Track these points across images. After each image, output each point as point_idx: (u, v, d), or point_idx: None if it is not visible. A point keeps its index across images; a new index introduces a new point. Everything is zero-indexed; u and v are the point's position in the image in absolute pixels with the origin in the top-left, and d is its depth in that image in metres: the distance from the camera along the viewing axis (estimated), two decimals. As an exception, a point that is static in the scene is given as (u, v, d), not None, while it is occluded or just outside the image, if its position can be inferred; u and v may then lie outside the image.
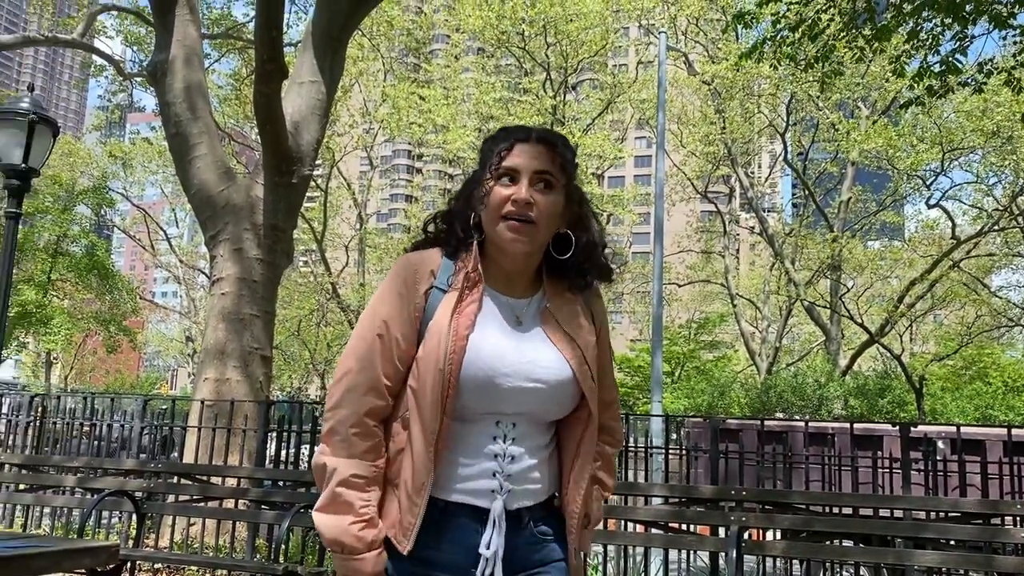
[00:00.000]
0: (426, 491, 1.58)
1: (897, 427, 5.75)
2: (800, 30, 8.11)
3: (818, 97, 22.56)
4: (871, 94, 23.79)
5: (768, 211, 34.89)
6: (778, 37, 8.41)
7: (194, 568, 6.24)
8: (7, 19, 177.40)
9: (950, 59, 7.63)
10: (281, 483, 5.85)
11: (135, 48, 21.57)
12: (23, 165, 6.57)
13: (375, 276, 34.12)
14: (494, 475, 1.62)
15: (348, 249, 33.52)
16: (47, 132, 6.76)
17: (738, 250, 37.15)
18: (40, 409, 7.85)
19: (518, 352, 1.64)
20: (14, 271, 7.69)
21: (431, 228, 1.77)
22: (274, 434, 6.63)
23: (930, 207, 26.82)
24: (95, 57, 18.59)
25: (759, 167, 40.99)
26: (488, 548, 1.59)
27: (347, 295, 31.33)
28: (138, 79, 19.83)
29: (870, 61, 12.46)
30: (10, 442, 7.64)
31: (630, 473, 6.30)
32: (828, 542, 4.76)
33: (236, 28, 19.47)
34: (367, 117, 29.66)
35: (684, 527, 5.07)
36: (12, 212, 6.67)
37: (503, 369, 1.61)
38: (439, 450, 1.59)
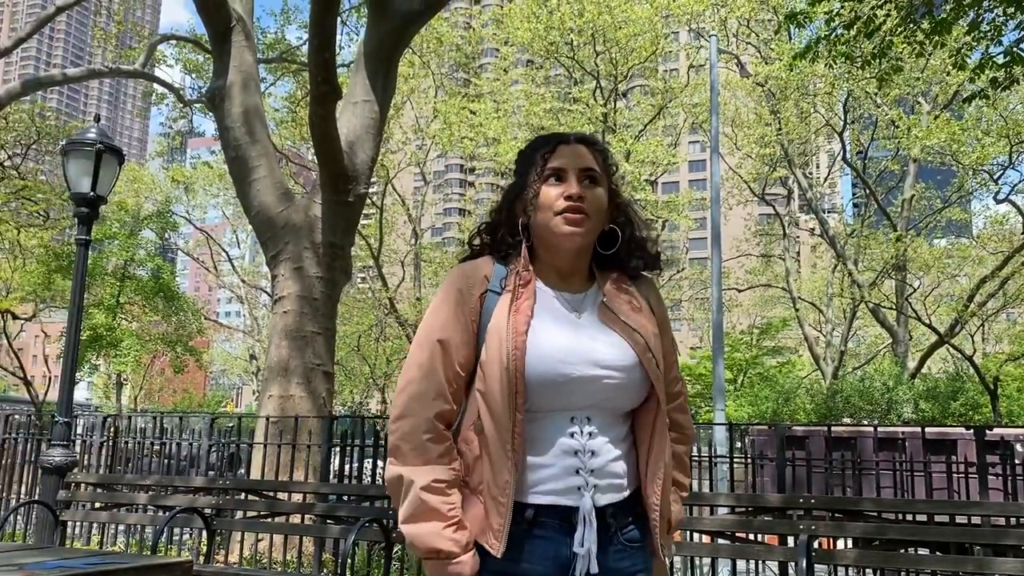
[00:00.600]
0: (510, 489, 1.59)
1: (972, 430, 5.56)
2: (855, 27, 7.95)
3: (876, 94, 22.06)
4: (932, 88, 23.16)
5: (828, 212, 34.19)
6: (832, 35, 8.26)
7: (263, 583, 6.34)
8: (74, 53, 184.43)
9: (1014, 49, 7.39)
10: (346, 497, 5.91)
11: (194, 75, 22.20)
12: (91, 193, 6.80)
13: (431, 290, 34.37)
14: (577, 472, 1.62)
15: (404, 264, 33.87)
16: (113, 161, 6.98)
17: (798, 253, 36.47)
18: (112, 429, 8.09)
19: (579, 342, 1.65)
20: (85, 295, 7.94)
21: (476, 242, 1.81)
22: (337, 449, 6.72)
23: (998, 202, 25.93)
24: (156, 86, 19.18)
25: (817, 167, 40.20)
26: (582, 546, 1.59)
27: (404, 310, 31.63)
28: (197, 105, 20.39)
29: (929, 55, 12.15)
30: (85, 462, 7.87)
31: (694, 483, 6.21)
32: (902, 551, 4.62)
33: (290, 52, 19.91)
34: (419, 133, 29.98)
35: (751, 537, 4.97)
36: (82, 239, 6.90)
37: (567, 360, 1.62)
38: (516, 450, 1.59)
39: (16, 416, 8.98)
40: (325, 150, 7.51)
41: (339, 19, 10.60)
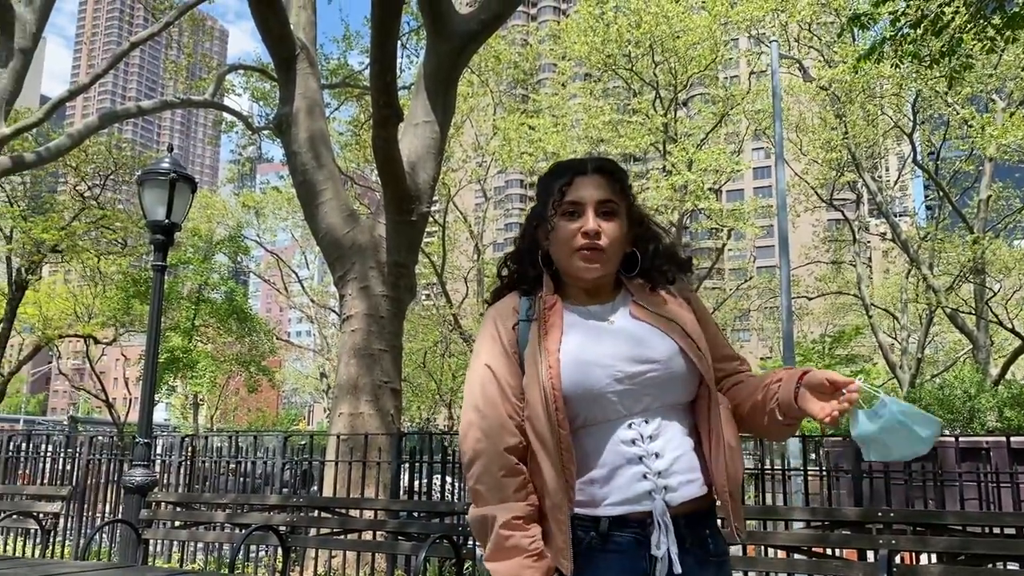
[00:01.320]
0: (566, 507, 1.60)
1: (1061, 439, 5.32)
2: (922, 26, 7.75)
3: (947, 93, 21.40)
4: (1006, 85, 22.36)
5: (900, 215, 33.20)
6: (898, 35, 8.06)
7: (338, 599, 6.42)
8: (147, 86, 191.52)
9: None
10: (416, 514, 5.96)
11: (261, 103, 22.84)
12: (166, 221, 7.05)
13: (496, 306, 34.47)
14: (645, 476, 1.61)
15: (467, 280, 34.11)
16: (186, 188, 7.23)
17: (870, 258, 35.49)
18: (190, 449, 8.32)
19: (614, 345, 1.66)
20: (162, 319, 8.21)
21: (504, 272, 1.86)
22: (406, 465, 6.79)
23: (1083, 199, 24.87)
24: (225, 115, 19.77)
25: (887, 170, 39.17)
26: (659, 548, 1.58)
27: (468, 325, 31.81)
28: (265, 132, 20.95)
29: (1002, 51, 11.75)
30: (165, 481, 8.10)
31: (768, 496, 6.08)
32: (989, 565, 4.44)
33: (353, 76, 20.33)
34: (479, 151, 30.23)
35: (829, 552, 4.84)
36: (158, 265, 7.15)
37: (603, 363, 1.63)
38: (567, 466, 1.60)
39: (100, 438, 9.31)
40: (388, 171, 7.63)
41: (399, 43, 10.79)
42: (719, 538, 1.70)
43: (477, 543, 5.79)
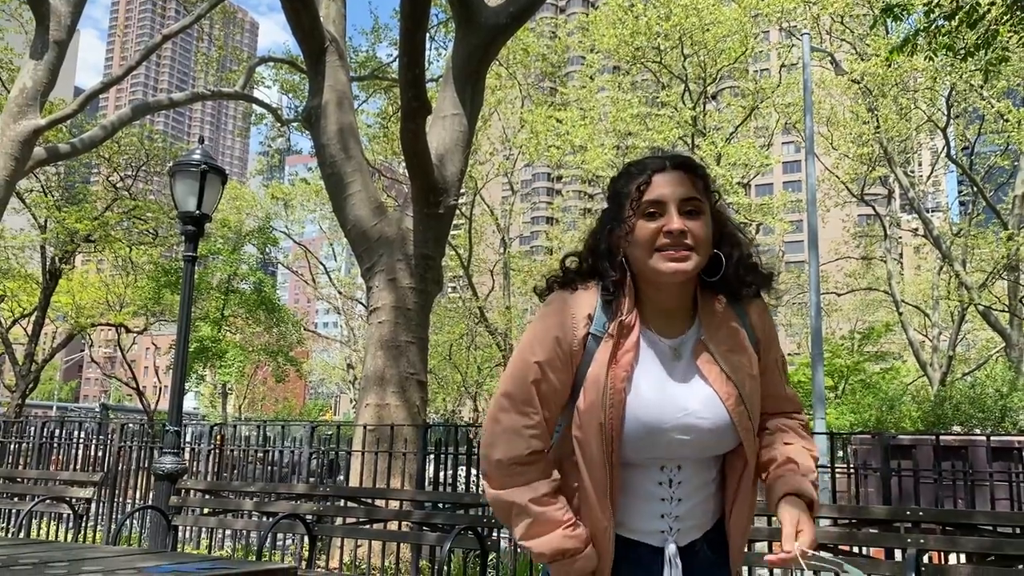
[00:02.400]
0: (610, 532, 1.63)
1: (1096, 440, 5.24)
2: (957, 18, 7.62)
3: (982, 87, 21.05)
4: (1044, 78, 21.94)
5: (932, 211, 32.78)
6: (932, 27, 7.93)
7: (363, 588, 6.48)
8: (178, 78, 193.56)
9: None
10: (441, 505, 5.99)
11: (290, 96, 23.00)
12: (197, 212, 7.12)
13: (520, 299, 34.54)
14: (663, 516, 1.66)
15: (493, 273, 34.15)
16: (217, 180, 7.29)
17: (901, 254, 35.07)
18: (219, 437, 8.42)
19: (674, 402, 1.63)
20: (192, 309, 8.31)
21: (571, 265, 1.74)
22: (432, 456, 6.82)
23: (1121, 196, 24.31)
24: (255, 107, 19.96)
25: (919, 165, 38.61)
26: None
27: (494, 319, 31.87)
28: (294, 124, 21.11)
29: (1040, 43, 11.51)
30: (194, 469, 8.21)
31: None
32: (1020, 567, 4.38)
33: (381, 69, 20.41)
34: (506, 144, 30.23)
35: (856, 550, 4.79)
36: (189, 255, 7.22)
37: (662, 419, 1.61)
38: (614, 499, 1.63)
39: (130, 425, 9.45)
40: (416, 164, 7.66)
41: (427, 35, 10.80)
42: (724, 544, 1.73)
43: (503, 532, 5.82)
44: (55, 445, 9.09)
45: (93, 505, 7.67)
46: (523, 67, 26.59)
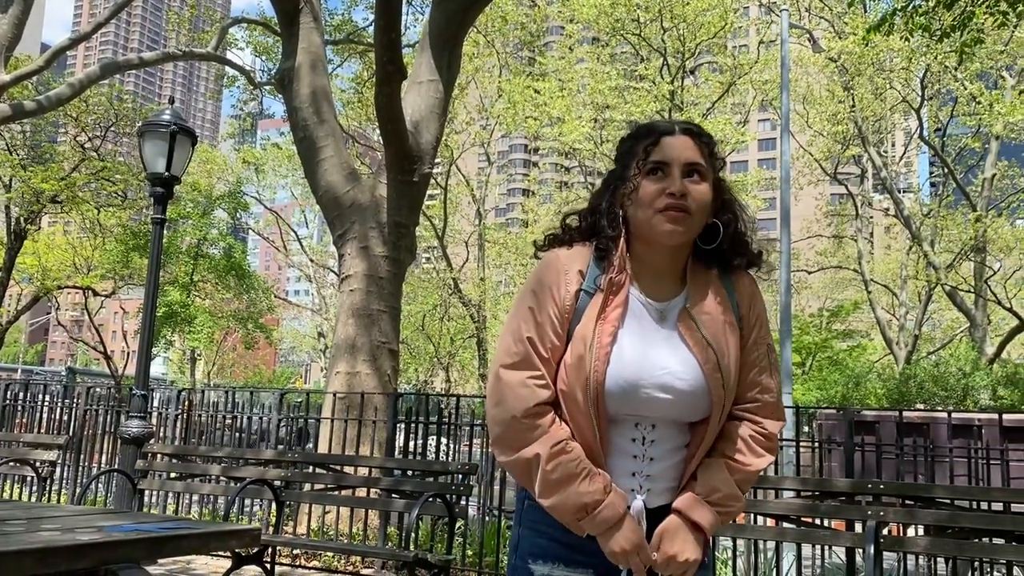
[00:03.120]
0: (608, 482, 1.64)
1: (1053, 418, 5.35)
2: (935, -2, 7.64)
3: (956, 68, 21.20)
4: (1017, 62, 22.16)
5: (903, 191, 33.12)
6: (910, 7, 7.95)
7: (330, 554, 6.50)
8: (149, 38, 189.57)
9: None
10: (410, 472, 6.01)
11: (263, 58, 22.61)
12: (166, 173, 7.00)
13: (495, 271, 34.54)
14: (634, 474, 1.67)
15: (468, 244, 34.06)
16: (187, 142, 7.17)
17: (871, 234, 35.47)
18: (187, 403, 8.36)
19: (655, 361, 1.65)
20: (160, 273, 8.20)
21: (571, 222, 1.78)
22: (402, 425, 6.82)
23: (1087, 181, 24.75)
24: (228, 68, 19.61)
25: (892, 145, 38.92)
26: None
27: (468, 290, 31.84)
28: (267, 87, 20.76)
29: (1014, 27, 11.60)
30: (161, 434, 8.16)
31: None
32: (976, 540, 4.48)
33: (357, 33, 20.09)
34: (483, 113, 30.00)
35: (818, 522, 4.88)
36: (158, 218, 7.12)
37: (642, 378, 1.64)
38: (602, 448, 1.65)
39: (97, 389, 9.34)
40: (391, 130, 7.57)
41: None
42: None
43: (471, 500, 5.85)
44: (19, 408, 8.97)
45: (58, 469, 7.59)
46: (501, 35, 26.33)
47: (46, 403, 8.97)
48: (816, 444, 6.10)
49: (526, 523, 1.71)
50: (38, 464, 6.49)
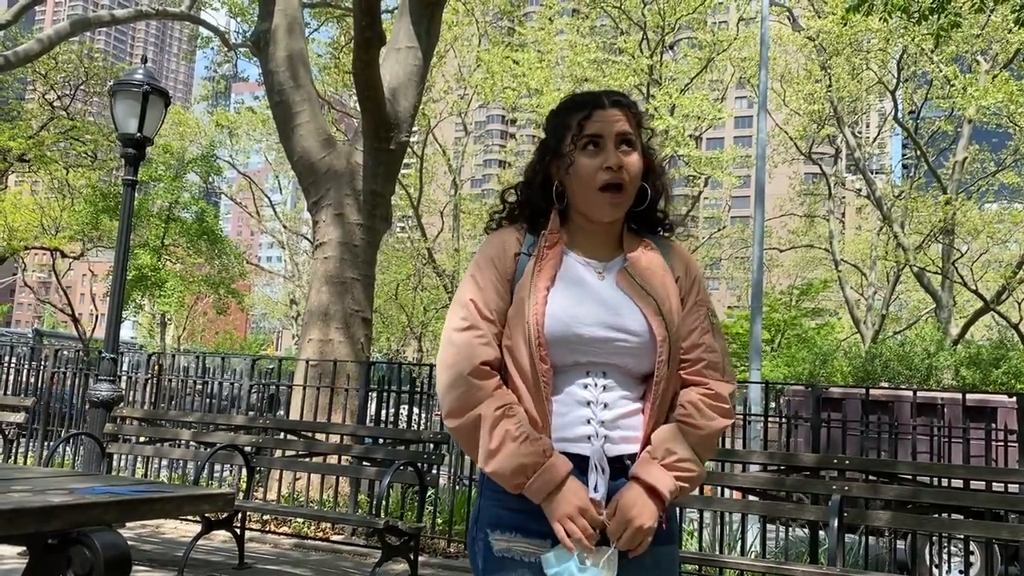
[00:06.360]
0: (549, 431, 1.65)
1: (1014, 398, 5.48)
2: (915, -21, 7.67)
3: (932, 51, 21.34)
4: (991, 47, 22.33)
5: (876, 172, 33.37)
6: (890, -12, 7.98)
7: (300, 520, 6.52)
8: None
9: (1083, 6, 7.08)
10: (382, 440, 6.02)
11: (239, 19, 22.18)
12: (138, 134, 6.87)
13: (469, 242, 34.41)
14: (588, 421, 1.67)
15: (443, 215, 33.90)
16: (159, 102, 7.03)
17: (843, 214, 35.80)
18: (157, 367, 8.30)
19: (596, 305, 1.70)
20: (131, 236, 8.08)
21: (511, 199, 1.86)
22: (374, 393, 6.83)
23: (1056, 166, 25.12)
24: (202, 29, 19.24)
25: (867, 126, 39.21)
26: (596, 491, 1.63)
27: (443, 260, 31.74)
28: (242, 50, 20.42)
29: (991, 11, 11.70)
30: (130, 398, 8.10)
31: (727, 441, 6.22)
32: (936, 515, 4.60)
33: (335, -4, 19.73)
34: (461, 83, 29.73)
35: (784, 495, 4.98)
36: (129, 179, 7.00)
37: (582, 320, 1.67)
38: (546, 398, 1.66)
39: (65, 351, 9.23)
40: (368, 96, 7.50)
41: (384, -37, 10.48)
42: None
43: (442, 468, 5.88)
44: (-16, 369, 8.85)
45: (25, 432, 7.51)
46: (481, 3, 26.06)
47: (12, 365, 8.85)
48: (784, 419, 6.20)
49: (487, 494, 1.72)
50: (4, 426, 6.42)
